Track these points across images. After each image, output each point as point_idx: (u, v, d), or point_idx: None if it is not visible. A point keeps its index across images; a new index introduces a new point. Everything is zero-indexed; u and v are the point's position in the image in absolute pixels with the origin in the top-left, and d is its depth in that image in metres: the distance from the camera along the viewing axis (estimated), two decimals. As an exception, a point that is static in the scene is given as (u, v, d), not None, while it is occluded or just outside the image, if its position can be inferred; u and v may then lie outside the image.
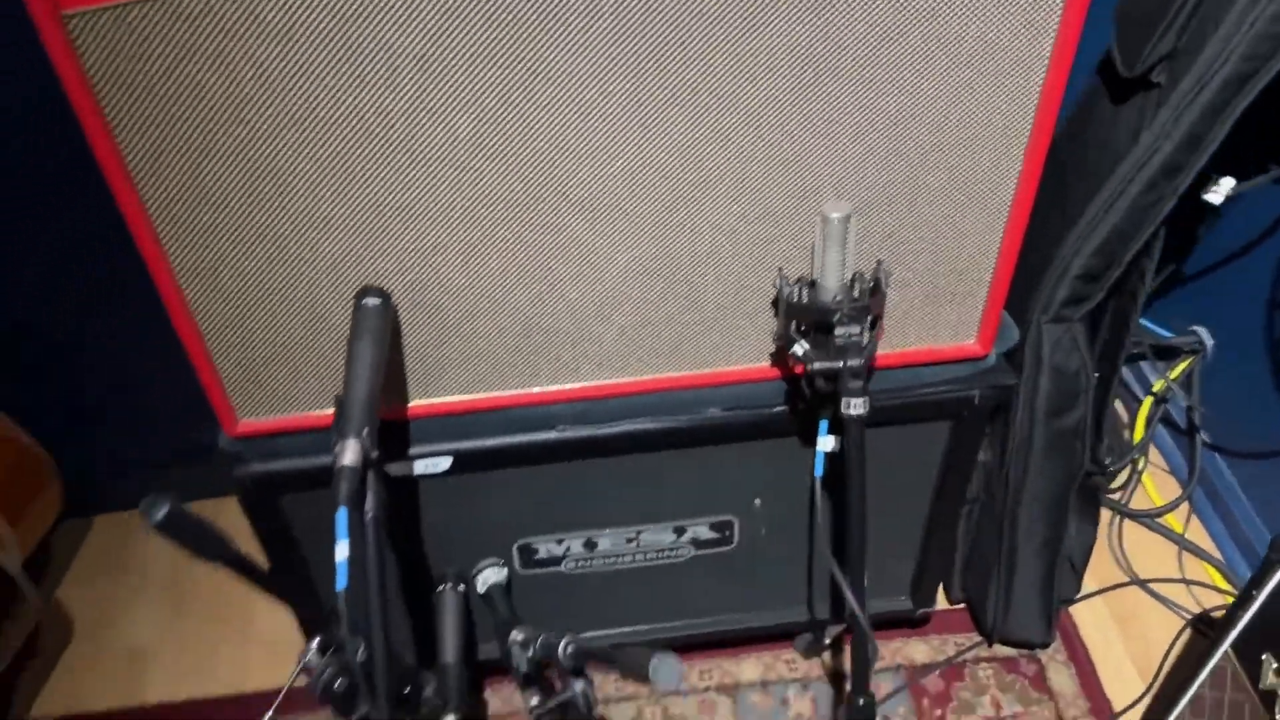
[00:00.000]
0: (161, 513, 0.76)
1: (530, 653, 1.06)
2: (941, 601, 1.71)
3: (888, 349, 1.21)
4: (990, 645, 1.65)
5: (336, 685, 1.04)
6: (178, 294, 1.02)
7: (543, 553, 1.38)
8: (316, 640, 1.05)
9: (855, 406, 1.01)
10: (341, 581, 0.88)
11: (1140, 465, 1.86)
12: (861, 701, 1.18)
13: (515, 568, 1.39)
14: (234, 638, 1.73)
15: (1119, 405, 1.94)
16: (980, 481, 1.47)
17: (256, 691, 1.65)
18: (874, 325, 1.05)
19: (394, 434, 1.21)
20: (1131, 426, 1.87)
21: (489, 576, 1.34)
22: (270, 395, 1.14)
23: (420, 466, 1.22)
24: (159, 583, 1.82)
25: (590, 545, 1.38)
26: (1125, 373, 1.94)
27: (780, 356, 1.18)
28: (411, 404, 1.18)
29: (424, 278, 1.07)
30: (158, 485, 1.91)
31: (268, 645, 1.71)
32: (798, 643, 1.65)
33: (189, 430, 1.49)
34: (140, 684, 1.68)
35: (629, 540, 1.39)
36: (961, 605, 1.70)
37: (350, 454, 0.90)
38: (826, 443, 1.13)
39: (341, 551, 0.88)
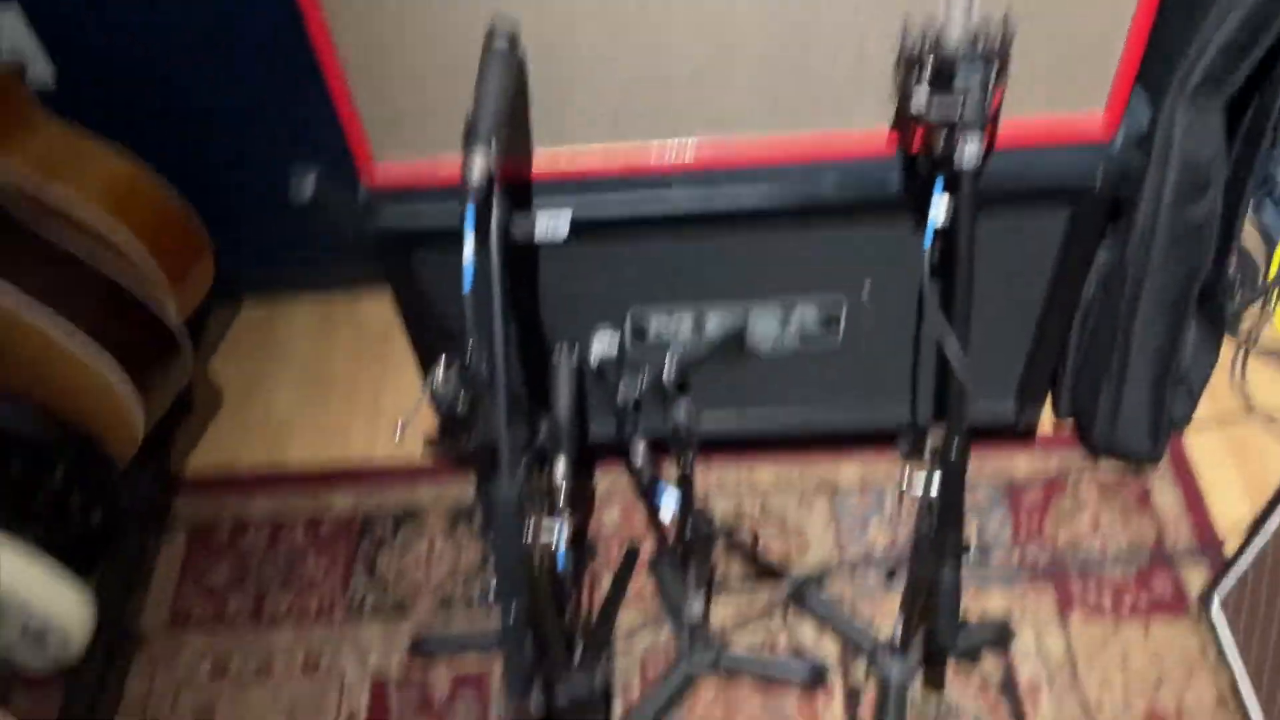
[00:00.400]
0: (309, 183, 0.82)
1: (641, 380, 1.12)
2: (1047, 423, 1.72)
3: (1009, 124, 1.19)
4: (1095, 462, 1.65)
5: (459, 404, 1.13)
6: (323, 26, 1.09)
7: (653, 328, 1.44)
8: (443, 360, 1.14)
9: (969, 158, 1.01)
10: (467, 284, 0.95)
11: (1272, 302, 1.79)
12: (954, 456, 1.18)
13: (626, 344, 1.46)
14: (365, 414, 1.87)
15: (1258, 244, 1.86)
16: (1097, 285, 1.45)
17: (384, 458, 1.78)
18: (997, 77, 1.04)
19: (517, 198, 1.26)
20: (1267, 265, 1.80)
21: (602, 343, 1.41)
22: (406, 140, 1.20)
23: (540, 228, 1.27)
24: (299, 364, 1.96)
25: (699, 325, 1.43)
26: (1270, 213, 1.86)
27: (900, 123, 1.18)
28: (534, 158, 1.23)
29: (552, 17, 1.10)
30: (301, 275, 2.03)
31: (394, 421, 1.84)
32: (900, 445, 1.68)
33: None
34: (282, 450, 1.83)
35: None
36: (1068, 425, 1.70)
37: (478, 162, 0.95)
38: (940, 202, 1.13)
39: (468, 251, 0.94)
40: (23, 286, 1.36)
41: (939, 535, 1.10)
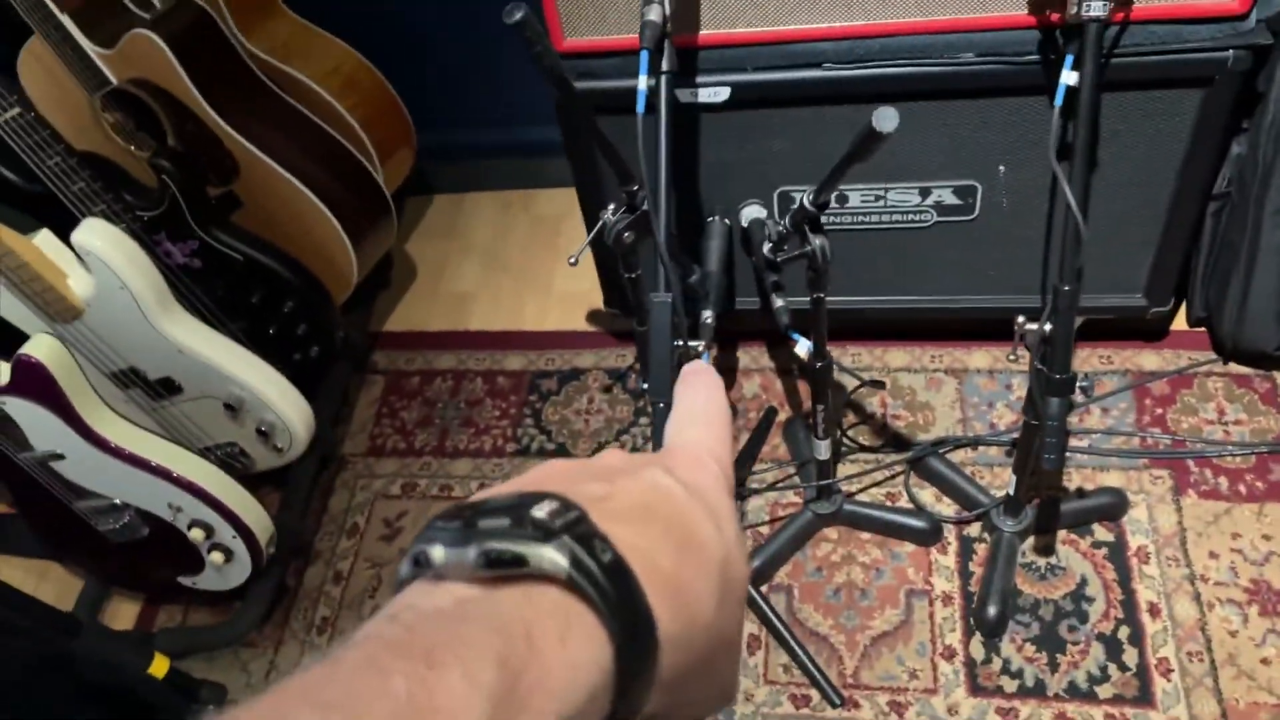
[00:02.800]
0: (519, 14, 1.01)
1: (783, 222, 1.28)
2: (1180, 324, 1.78)
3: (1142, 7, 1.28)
4: (1225, 363, 1.71)
5: (626, 236, 1.32)
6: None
7: (798, 203, 1.59)
8: (612, 205, 1.33)
9: (1094, 9, 1.12)
10: (640, 107, 1.13)
11: None
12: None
13: (774, 218, 1.61)
14: (538, 292, 2.09)
15: None
16: (1232, 177, 1.51)
17: (554, 329, 2.00)
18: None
19: (682, 64, 1.43)
20: None
21: (751, 212, 1.57)
22: (592, 17, 1.40)
23: (704, 94, 1.45)
24: (481, 249, 2.20)
25: (842, 199, 1.57)
26: None
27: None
28: (698, 34, 1.41)
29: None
30: (484, 172, 2.27)
31: (564, 300, 2.06)
32: (1028, 338, 1.77)
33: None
34: (465, 317, 2.08)
35: (877, 198, 1.57)
36: (1200, 329, 1.75)
37: (654, 12, 1.13)
38: (1071, 77, 1.24)
39: (643, 83, 1.13)
40: (274, 143, 1.63)
41: (1049, 366, 1.22)
